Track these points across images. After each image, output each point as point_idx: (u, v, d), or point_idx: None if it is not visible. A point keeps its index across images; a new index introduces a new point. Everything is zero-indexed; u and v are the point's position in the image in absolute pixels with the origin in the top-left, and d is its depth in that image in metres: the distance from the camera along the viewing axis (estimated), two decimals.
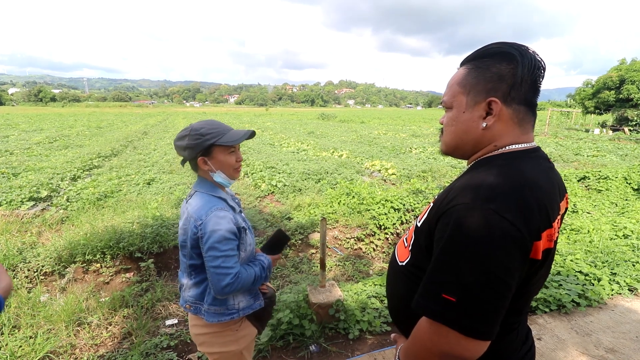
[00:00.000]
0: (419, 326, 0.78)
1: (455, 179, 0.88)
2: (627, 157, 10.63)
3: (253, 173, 7.85)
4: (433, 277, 0.74)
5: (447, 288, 0.70)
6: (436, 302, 0.71)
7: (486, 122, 0.81)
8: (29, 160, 9.12)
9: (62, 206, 5.42)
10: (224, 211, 1.26)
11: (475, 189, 0.74)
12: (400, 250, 0.98)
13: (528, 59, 0.77)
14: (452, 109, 0.86)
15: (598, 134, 20.12)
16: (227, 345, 1.38)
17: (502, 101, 0.79)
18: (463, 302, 0.68)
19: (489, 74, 0.79)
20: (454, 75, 0.87)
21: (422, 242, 0.85)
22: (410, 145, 12.87)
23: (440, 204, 0.79)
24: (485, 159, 0.84)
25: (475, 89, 0.81)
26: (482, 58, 0.82)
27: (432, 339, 0.74)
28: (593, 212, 5.61)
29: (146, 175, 7.66)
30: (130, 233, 3.79)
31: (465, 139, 0.85)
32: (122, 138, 14.59)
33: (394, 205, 4.85)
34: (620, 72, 22.75)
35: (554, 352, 2.37)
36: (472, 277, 0.68)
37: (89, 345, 2.49)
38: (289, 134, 17.58)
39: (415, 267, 0.88)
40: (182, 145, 1.28)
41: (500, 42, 0.81)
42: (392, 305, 1.01)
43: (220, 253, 1.21)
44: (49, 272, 3.37)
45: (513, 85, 0.78)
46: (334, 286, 2.69)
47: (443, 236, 0.73)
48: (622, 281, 3.18)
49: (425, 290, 0.75)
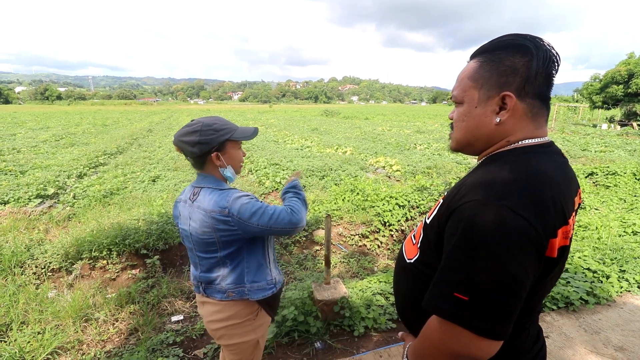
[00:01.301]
0: (428, 325, 0.76)
1: (465, 175, 0.85)
2: (635, 153, 10.46)
3: (257, 170, 7.86)
4: (444, 275, 0.72)
5: (459, 286, 0.68)
6: (448, 300, 0.69)
7: (500, 117, 0.78)
8: (35, 158, 9.21)
9: (68, 203, 5.47)
10: (243, 195, 1.31)
11: (488, 185, 0.71)
12: (408, 248, 0.96)
13: (543, 51, 0.74)
14: (463, 104, 0.83)
15: (606, 129, 19.83)
16: (246, 335, 1.42)
17: (516, 95, 0.75)
18: (475, 301, 0.66)
19: (503, 67, 0.76)
20: (465, 68, 0.84)
21: (431, 239, 0.83)
22: (415, 142, 12.78)
23: (451, 201, 0.77)
24: (497, 154, 0.81)
25: (488, 83, 0.77)
26: (494, 51, 0.78)
27: (442, 339, 0.72)
28: (601, 209, 5.53)
29: (151, 172, 7.70)
30: (136, 230, 3.82)
31: (477, 135, 0.82)
32: (128, 135, 14.67)
33: (399, 202, 4.82)
34: (629, 66, 22.36)
35: (562, 350, 2.34)
36: (485, 276, 0.66)
37: (96, 341, 2.51)
38: (293, 130, 17.56)
39: (423, 264, 0.87)
40: (193, 140, 1.27)
41: (514, 34, 0.77)
42: (400, 303, 1.00)
43: (264, 208, 1.28)
44: (57, 268, 3.41)
45: (527, 78, 0.74)
46: (338, 283, 2.68)
47: (455, 233, 0.71)
48: (632, 278, 3.13)
49: (436, 289, 0.73)
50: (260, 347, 1.51)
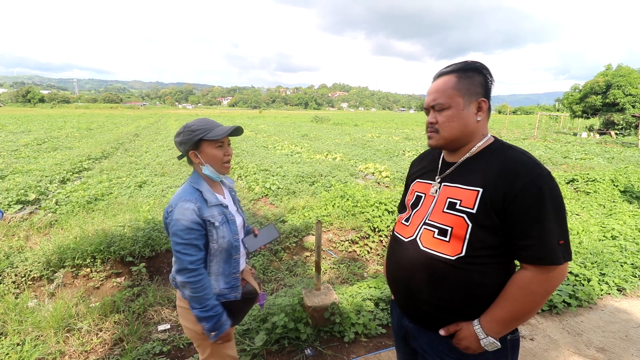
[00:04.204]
0: (524, 284, 0.97)
1: (471, 169, 1.07)
2: (613, 160, 10.86)
3: (247, 176, 7.81)
4: (545, 234, 0.94)
5: (558, 236, 0.94)
6: (557, 249, 0.94)
7: (479, 117, 1.08)
8: (16, 163, 8.92)
9: (50, 209, 5.31)
10: (189, 202, 1.35)
11: (531, 164, 0.98)
12: (441, 246, 1.05)
13: (489, 72, 1.08)
14: (450, 109, 1.06)
15: (585, 137, 20.54)
16: (189, 322, 1.47)
17: (487, 101, 1.07)
18: (567, 241, 0.96)
19: (475, 82, 1.06)
20: (444, 82, 1.08)
21: (486, 223, 0.99)
22: (403, 148, 12.96)
23: (501, 185, 0.98)
24: (490, 147, 1.09)
25: (468, 92, 1.06)
26: (466, 71, 1.07)
27: (548, 283, 0.96)
28: (582, 214, 5.71)
29: (138, 177, 7.56)
30: (121, 237, 3.73)
31: (465, 132, 1.08)
32: (113, 140, 14.38)
33: (388, 208, 4.87)
34: (607, 77, 23.34)
35: (547, 352, 2.40)
36: (564, 220, 0.96)
37: (78, 352, 2.43)
38: (283, 136, 17.55)
39: (474, 256, 1.01)
40: (178, 140, 1.43)
41: (472, 61, 1.10)
42: (449, 302, 1.06)
43: (180, 240, 1.33)
44: (37, 277, 3.29)
45: (487, 89, 1.08)
46: (329, 289, 2.68)
47: (536, 201, 0.94)
48: (611, 281, 3.24)
49: (541, 247, 0.94)
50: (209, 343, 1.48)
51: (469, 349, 1.03)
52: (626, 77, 22.40)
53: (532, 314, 1.00)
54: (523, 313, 0.99)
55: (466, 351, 1.04)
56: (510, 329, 1.02)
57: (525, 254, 0.96)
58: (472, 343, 1.02)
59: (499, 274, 1.02)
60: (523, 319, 1.01)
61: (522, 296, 0.97)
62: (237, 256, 1.50)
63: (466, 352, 1.05)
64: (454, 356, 1.08)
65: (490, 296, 1.02)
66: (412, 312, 1.17)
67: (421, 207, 1.15)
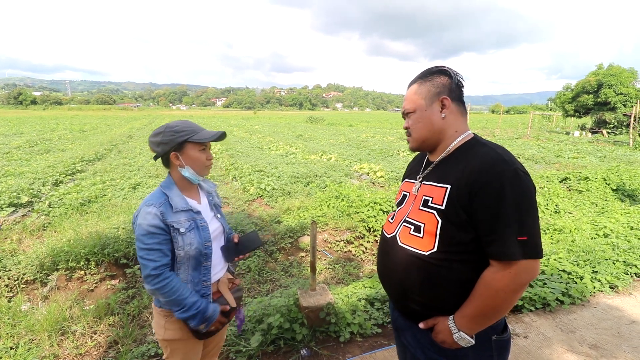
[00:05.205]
0: (488, 280, 0.97)
1: (448, 165, 1.09)
2: (605, 159, 11.00)
3: (241, 177, 7.79)
4: (502, 229, 0.94)
5: (518, 232, 0.93)
6: (515, 245, 0.93)
7: (444, 114, 1.11)
8: (8, 165, 8.81)
9: (43, 212, 5.26)
10: (152, 207, 1.33)
11: (498, 160, 0.98)
12: (416, 242, 1.07)
13: (455, 73, 1.13)
14: (415, 112, 1.14)
15: (578, 136, 20.78)
16: (157, 327, 1.45)
17: (450, 98, 1.10)
18: (531, 237, 0.94)
19: (437, 83, 1.11)
20: (410, 90, 1.16)
21: (454, 219, 1.01)
22: (398, 148, 13.01)
23: (466, 182, 0.99)
24: (464, 145, 1.10)
25: (430, 93, 1.11)
26: (428, 76, 1.13)
27: (514, 279, 0.94)
28: (574, 212, 5.78)
29: (131, 179, 7.51)
30: (115, 239, 3.71)
31: (432, 130, 1.12)
32: (107, 142, 14.26)
33: (383, 208, 4.89)
34: (598, 76, 23.62)
35: (540, 350, 2.43)
36: (529, 217, 0.94)
37: (73, 355, 2.41)
38: (278, 137, 17.54)
39: (445, 251, 1.02)
40: (157, 141, 1.38)
41: (438, 66, 1.15)
42: (421, 295, 1.08)
43: (143, 245, 1.30)
44: (31, 280, 3.26)
45: (451, 88, 1.11)
46: (324, 289, 2.69)
47: (498, 196, 0.94)
48: (604, 279, 3.28)
49: (499, 243, 0.94)
50: (177, 353, 1.44)
51: (445, 342, 1.05)
52: (617, 77, 22.70)
53: (502, 311, 1.00)
54: (489, 309, 0.98)
55: (442, 345, 1.06)
56: (483, 326, 1.02)
57: (488, 249, 0.97)
58: (447, 337, 1.04)
59: (472, 270, 1.02)
60: (493, 316, 1.00)
61: (486, 292, 0.97)
62: (207, 263, 1.43)
63: (443, 346, 1.07)
64: (434, 349, 1.10)
65: (463, 292, 1.03)
66: (398, 306, 1.21)
67: (404, 205, 1.21)
